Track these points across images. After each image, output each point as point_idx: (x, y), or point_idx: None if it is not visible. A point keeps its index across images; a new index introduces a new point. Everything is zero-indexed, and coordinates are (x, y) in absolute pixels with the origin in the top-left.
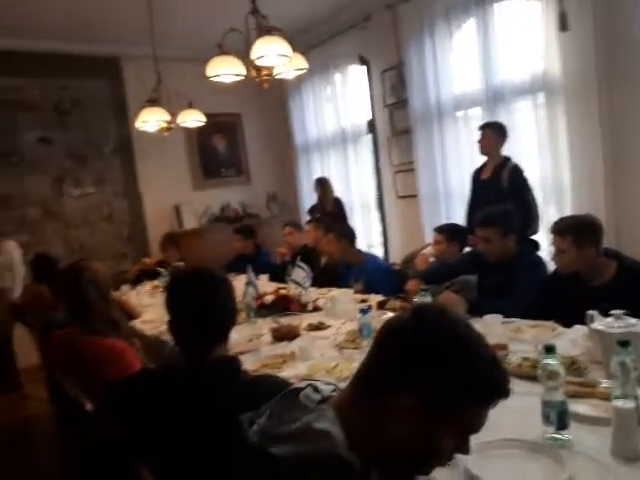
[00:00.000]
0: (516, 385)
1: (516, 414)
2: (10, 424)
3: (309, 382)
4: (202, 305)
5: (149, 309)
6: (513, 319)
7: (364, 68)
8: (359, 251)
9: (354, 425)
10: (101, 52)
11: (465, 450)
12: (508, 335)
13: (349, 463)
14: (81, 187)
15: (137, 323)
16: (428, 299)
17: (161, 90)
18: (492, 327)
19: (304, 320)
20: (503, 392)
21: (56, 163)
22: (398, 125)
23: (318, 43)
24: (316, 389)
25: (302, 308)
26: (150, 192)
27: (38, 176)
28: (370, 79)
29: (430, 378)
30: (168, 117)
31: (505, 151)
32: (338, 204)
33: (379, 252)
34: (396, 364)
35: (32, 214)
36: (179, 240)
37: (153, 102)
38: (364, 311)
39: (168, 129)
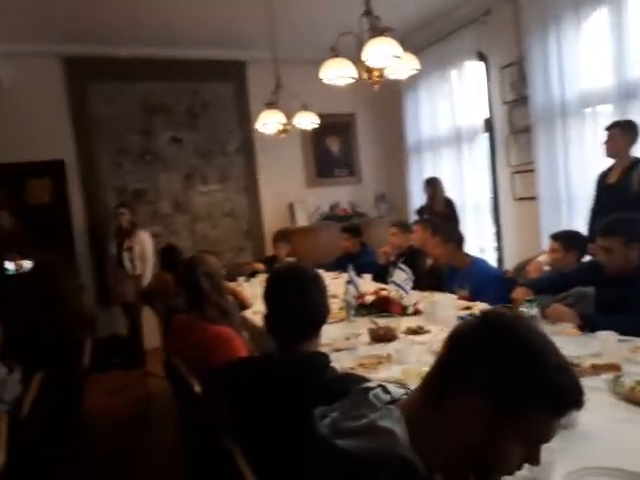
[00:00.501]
0: (627, 411)
1: (625, 442)
2: (134, 399)
3: (380, 383)
4: (293, 301)
5: (260, 301)
6: (631, 337)
7: (482, 64)
8: (467, 255)
9: (420, 427)
10: (228, 57)
11: (534, 460)
12: (624, 355)
13: (413, 465)
14: (207, 184)
15: (249, 313)
16: (534, 310)
17: (279, 93)
18: (606, 344)
19: (403, 323)
20: (573, 402)
21: (186, 161)
22: (517, 123)
23: (434, 40)
24: (386, 390)
25: (402, 311)
26: (268, 190)
27: (170, 173)
28: (488, 75)
29: (495, 381)
30: (285, 119)
31: (637, 152)
32: (449, 205)
33: (492, 257)
34: (461, 366)
35: (164, 208)
36: (290, 237)
37: (272, 105)
38: (462, 319)
39: (284, 131)
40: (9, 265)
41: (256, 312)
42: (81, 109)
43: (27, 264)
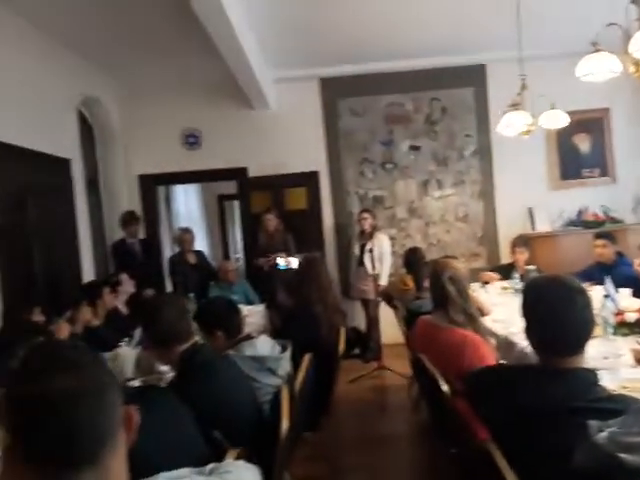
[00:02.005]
0: None
1: None
2: (370, 389)
3: None
4: (560, 315)
5: (498, 309)
6: None
7: None
8: None
9: None
10: (468, 61)
11: None
12: None
13: None
14: (442, 189)
15: (487, 321)
16: None
17: (524, 93)
18: None
19: None
20: None
21: (422, 168)
22: None
23: None
24: None
25: None
26: (504, 194)
27: (407, 180)
28: None
29: None
30: (530, 120)
31: None
32: None
33: None
34: None
35: (400, 212)
36: (531, 243)
37: (516, 106)
38: None
39: (528, 132)
40: (280, 261)
41: (496, 320)
42: (333, 124)
43: (294, 261)
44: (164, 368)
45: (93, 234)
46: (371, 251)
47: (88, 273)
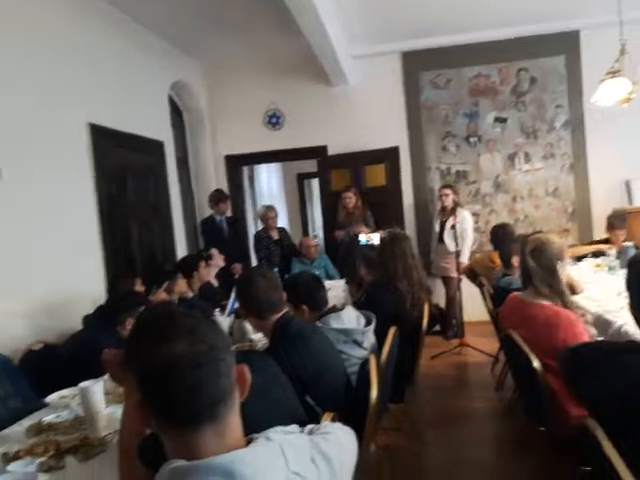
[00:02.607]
0: None
1: None
2: (452, 365)
3: None
4: None
5: (591, 287)
6: None
7: None
8: None
9: None
10: (560, 28)
11: None
12: None
13: None
14: (530, 162)
15: (580, 298)
16: None
17: (623, 59)
18: None
19: None
20: None
21: (509, 141)
22: None
23: None
24: None
25: None
26: (597, 167)
27: (492, 153)
28: None
29: None
30: (630, 87)
31: None
32: None
33: None
34: None
35: (484, 187)
36: (628, 218)
37: (614, 73)
38: None
39: (628, 100)
40: (361, 237)
41: (588, 298)
42: (414, 98)
43: (375, 237)
44: (255, 336)
45: (184, 212)
46: (453, 228)
47: (180, 248)
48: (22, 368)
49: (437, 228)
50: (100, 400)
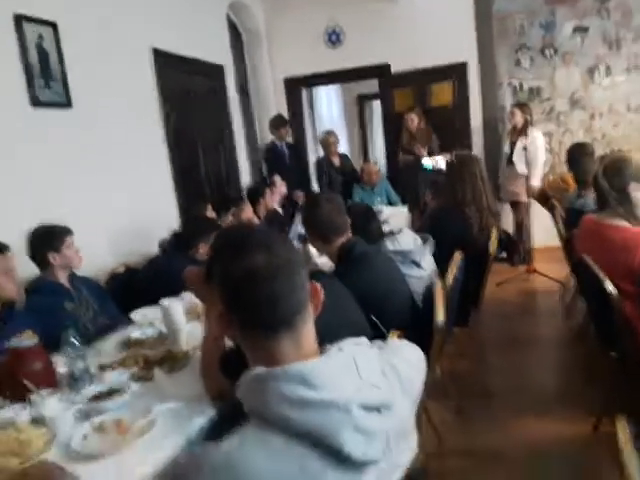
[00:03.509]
0: None
1: None
2: (519, 292)
3: None
4: None
5: None
6: None
7: None
8: None
9: None
10: None
11: None
12: None
13: None
14: (611, 75)
15: None
16: None
17: None
18: None
19: None
20: None
21: (589, 52)
22: None
23: None
24: None
25: None
26: None
27: (570, 67)
28: None
29: None
30: None
31: None
32: None
33: None
34: None
35: (559, 105)
36: None
37: None
38: None
39: None
40: (426, 161)
41: None
42: (485, 8)
43: (441, 160)
44: (320, 260)
45: (246, 137)
46: (524, 149)
47: (245, 174)
48: (108, 289)
49: (507, 149)
50: (181, 317)
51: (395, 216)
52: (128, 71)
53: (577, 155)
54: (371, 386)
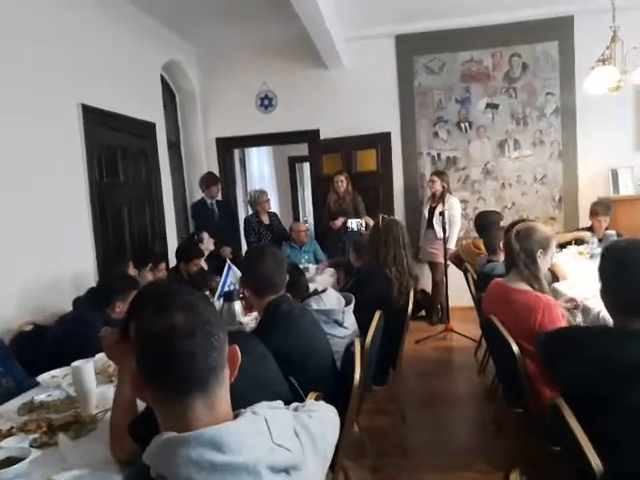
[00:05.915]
0: None
1: None
2: (436, 350)
3: None
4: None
5: (573, 274)
6: None
7: None
8: None
9: None
10: (554, 13)
11: None
12: None
13: None
14: (519, 149)
15: (562, 286)
16: None
17: (614, 46)
18: None
19: None
20: None
21: (500, 127)
22: None
23: None
24: None
25: None
26: (586, 155)
27: (483, 140)
28: None
29: None
30: (619, 76)
31: None
32: None
33: None
34: None
35: (474, 174)
36: (612, 207)
37: (604, 61)
38: None
39: (617, 88)
40: (352, 223)
41: (572, 286)
42: (407, 83)
43: (365, 222)
44: (245, 319)
45: (175, 194)
46: (441, 214)
47: (170, 231)
48: (13, 348)
49: (426, 214)
50: (91, 379)
51: (322, 275)
52: (54, 126)
53: (485, 224)
54: (281, 448)
